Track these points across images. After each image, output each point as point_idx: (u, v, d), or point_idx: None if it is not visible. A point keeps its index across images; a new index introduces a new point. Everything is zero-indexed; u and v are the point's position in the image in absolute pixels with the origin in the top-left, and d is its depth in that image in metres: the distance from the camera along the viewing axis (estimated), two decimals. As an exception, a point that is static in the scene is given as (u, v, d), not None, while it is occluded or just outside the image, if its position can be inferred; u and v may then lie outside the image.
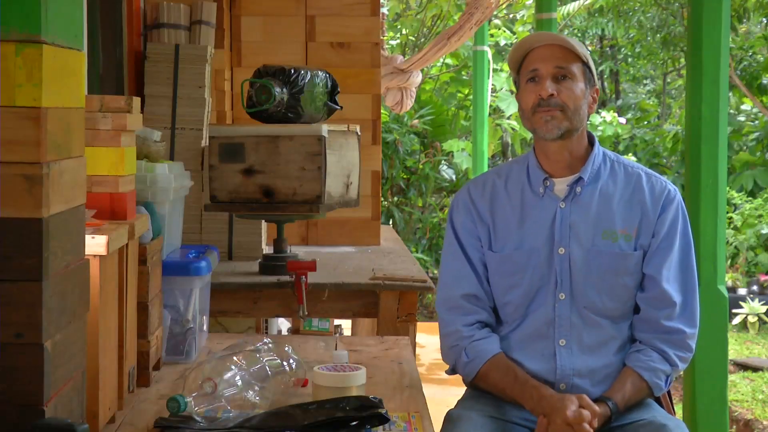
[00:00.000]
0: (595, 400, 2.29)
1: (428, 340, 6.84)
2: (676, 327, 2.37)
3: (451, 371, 2.50)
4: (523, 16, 11.30)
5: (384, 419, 1.96)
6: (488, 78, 8.83)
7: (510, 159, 11.45)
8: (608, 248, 2.36)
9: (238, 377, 2.06)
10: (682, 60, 12.58)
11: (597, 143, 2.46)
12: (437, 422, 2.26)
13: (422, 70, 7.94)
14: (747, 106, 12.04)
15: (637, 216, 2.39)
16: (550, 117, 2.35)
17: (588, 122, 2.48)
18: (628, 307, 2.39)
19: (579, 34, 13.31)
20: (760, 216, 9.73)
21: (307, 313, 3.21)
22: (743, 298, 8.56)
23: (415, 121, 10.47)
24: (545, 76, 2.35)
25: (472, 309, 2.44)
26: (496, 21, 11.73)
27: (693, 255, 2.44)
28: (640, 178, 2.43)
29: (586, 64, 2.38)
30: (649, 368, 2.35)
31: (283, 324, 5.68)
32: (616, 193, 2.40)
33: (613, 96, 14.59)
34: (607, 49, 14.62)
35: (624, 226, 2.38)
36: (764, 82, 11.13)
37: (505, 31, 11.70)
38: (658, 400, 2.46)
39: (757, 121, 11.61)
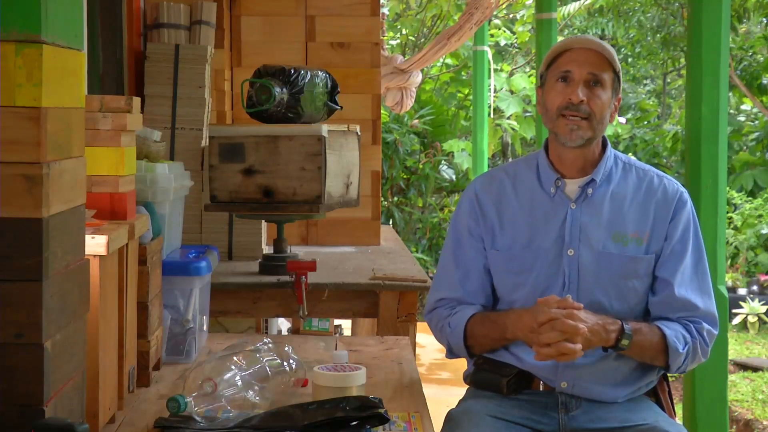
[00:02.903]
0: None
1: (428, 340, 6.83)
2: (698, 321, 2.38)
3: (449, 353, 2.50)
4: (523, 16, 11.30)
5: (384, 419, 1.96)
6: (488, 78, 8.83)
7: (511, 158, 11.46)
8: (618, 251, 2.36)
9: (238, 377, 2.06)
10: (682, 60, 12.58)
11: (609, 146, 2.46)
12: (437, 422, 2.25)
13: (422, 70, 7.95)
14: (747, 106, 12.05)
15: (649, 219, 2.38)
16: (576, 126, 2.35)
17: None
18: (636, 311, 2.38)
19: (579, 35, 13.30)
20: (760, 216, 9.73)
21: (307, 313, 3.21)
22: (743, 298, 8.56)
23: (415, 121, 10.47)
24: (578, 80, 2.35)
25: (447, 311, 2.47)
26: (496, 21, 11.73)
27: (705, 259, 2.44)
28: (652, 181, 2.43)
29: (616, 73, 2.39)
30: (666, 326, 2.34)
31: (283, 324, 5.68)
32: (628, 195, 2.40)
33: (613, 96, 14.57)
34: (607, 49, 14.59)
35: (635, 230, 2.37)
36: (764, 82, 11.12)
37: (505, 31, 11.70)
38: (658, 402, 2.45)
39: (757, 121, 11.61)
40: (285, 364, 2.24)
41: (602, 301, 2.36)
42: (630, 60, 13.83)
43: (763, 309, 8.42)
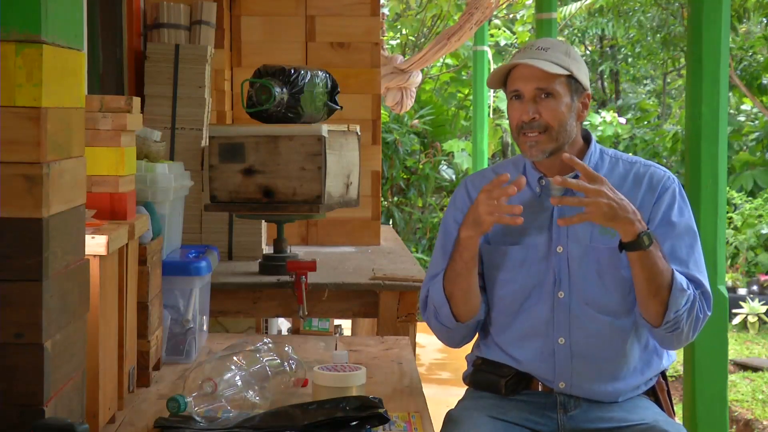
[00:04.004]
0: None
1: (428, 340, 6.84)
2: (699, 290, 2.33)
3: (434, 319, 2.46)
4: (523, 16, 11.31)
5: (384, 419, 1.96)
6: (488, 78, 8.83)
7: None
8: (606, 243, 2.35)
9: (238, 377, 2.06)
10: (682, 60, 12.58)
11: (593, 141, 2.46)
12: (437, 422, 2.26)
13: (422, 70, 7.95)
14: (747, 106, 12.05)
15: (636, 205, 2.38)
16: (534, 142, 2.34)
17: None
18: (628, 302, 2.37)
19: (579, 34, 13.31)
20: (760, 216, 9.73)
21: (307, 313, 3.21)
22: (743, 298, 8.56)
23: (415, 121, 10.47)
24: (527, 97, 2.34)
25: None
26: (496, 21, 11.73)
27: (698, 240, 2.39)
28: (638, 170, 2.42)
29: (570, 76, 2.35)
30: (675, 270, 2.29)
31: (283, 324, 5.69)
32: (614, 187, 2.40)
33: (613, 96, 14.59)
34: (607, 49, 14.62)
35: None
36: (764, 82, 11.13)
37: (505, 31, 11.70)
38: (657, 401, 2.45)
39: (757, 121, 11.61)
40: (285, 364, 2.24)
41: (596, 294, 2.35)
42: (630, 60, 13.83)
43: (763, 309, 8.42)
